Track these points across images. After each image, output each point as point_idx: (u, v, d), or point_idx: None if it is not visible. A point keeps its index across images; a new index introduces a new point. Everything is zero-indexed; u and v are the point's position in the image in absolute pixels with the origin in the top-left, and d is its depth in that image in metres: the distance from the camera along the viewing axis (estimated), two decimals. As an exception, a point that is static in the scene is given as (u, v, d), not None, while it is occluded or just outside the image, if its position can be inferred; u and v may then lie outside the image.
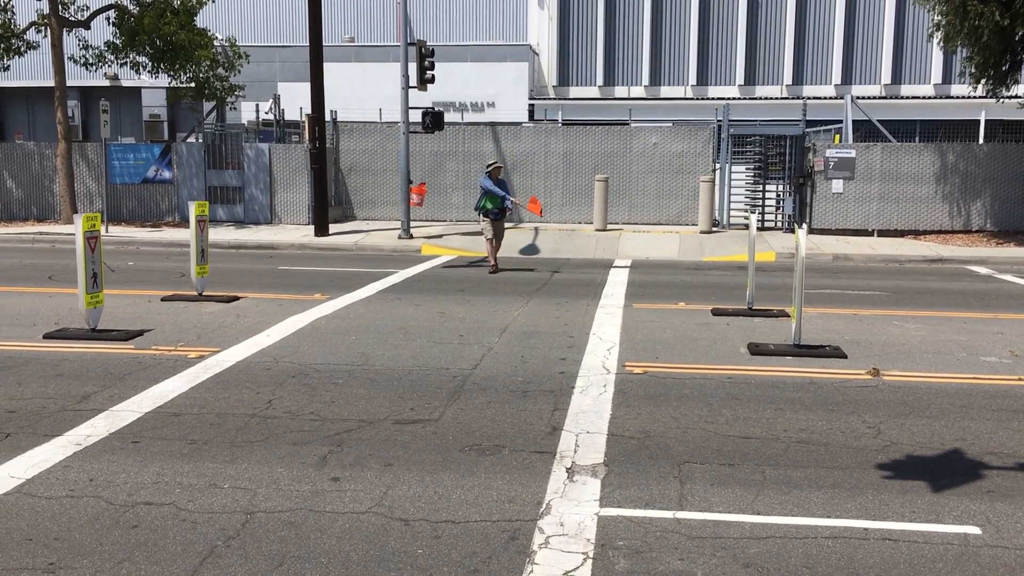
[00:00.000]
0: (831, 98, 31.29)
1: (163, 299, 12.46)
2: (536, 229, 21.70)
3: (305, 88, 21.45)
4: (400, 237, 20.59)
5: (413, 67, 20.58)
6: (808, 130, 21.97)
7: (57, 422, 6.87)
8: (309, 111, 21.13)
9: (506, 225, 16.94)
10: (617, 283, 14.62)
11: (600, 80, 34.27)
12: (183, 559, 4.63)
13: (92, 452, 6.22)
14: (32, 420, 6.92)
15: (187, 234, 14.56)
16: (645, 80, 34.06)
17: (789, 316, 10.53)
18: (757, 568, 4.59)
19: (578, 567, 4.58)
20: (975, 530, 5.05)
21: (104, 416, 7.03)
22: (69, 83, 24.20)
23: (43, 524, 5.04)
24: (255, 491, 5.53)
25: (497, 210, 15.99)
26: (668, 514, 5.23)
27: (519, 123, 27.70)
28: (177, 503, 5.35)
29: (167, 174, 23.33)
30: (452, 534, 4.95)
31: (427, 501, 5.40)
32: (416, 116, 21.08)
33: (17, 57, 23.10)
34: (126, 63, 23.32)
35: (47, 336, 9.91)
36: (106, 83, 32.19)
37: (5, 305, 11.89)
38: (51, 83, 23.18)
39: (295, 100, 26.74)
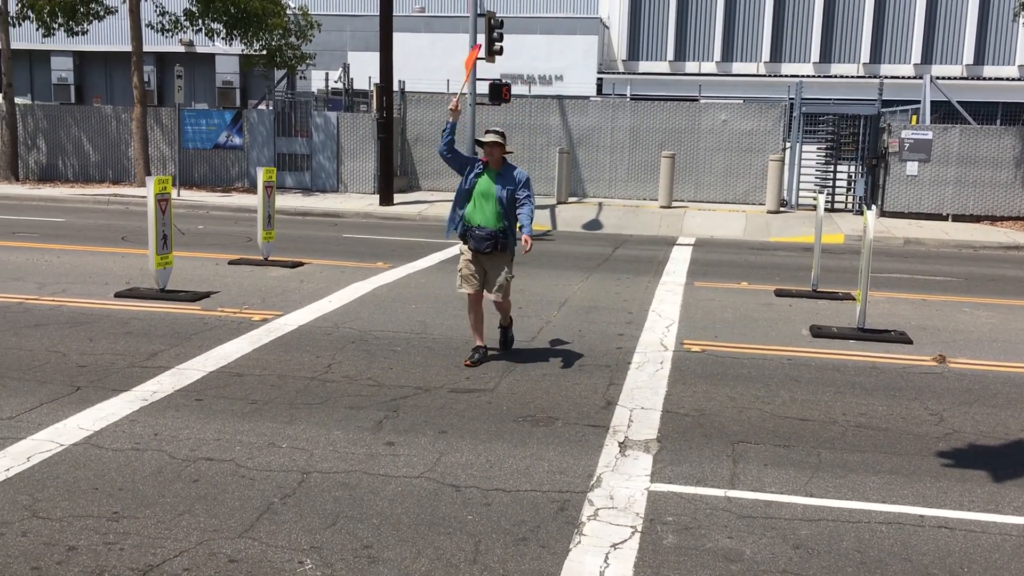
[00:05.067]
0: (909, 78, 30.43)
1: (230, 263, 12.73)
2: (600, 204, 21.58)
3: (374, 58, 21.56)
4: (464, 208, 20.62)
5: (482, 38, 20.53)
6: (884, 110, 21.39)
7: (125, 378, 7.09)
8: (377, 81, 21.24)
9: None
10: (679, 261, 14.49)
11: (671, 55, 33.78)
12: (241, 513, 4.76)
13: (157, 408, 6.41)
14: (101, 375, 7.15)
15: (255, 200, 14.80)
16: (716, 56, 33.48)
17: (854, 299, 10.34)
18: (807, 549, 4.54)
19: (626, 540, 4.59)
20: (1036, 523, 4.93)
21: (170, 374, 7.23)
22: (146, 48, 24.69)
23: (109, 475, 5.22)
24: (312, 452, 5.65)
25: (482, 232, 7.60)
26: (719, 492, 5.21)
27: (586, 97, 27.48)
28: (237, 460, 5.49)
29: (238, 140, 23.72)
30: (502, 502, 4.99)
31: (479, 469, 5.45)
32: (483, 88, 21.07)
33: (96, 21, 23.61)
34: (201, 30, 23.70)
35: (118, 295, 10.20)
36: (181, 49, 32.78)
37: (80, 264, 12.26)
38: (128, 48, 23.70)
39: (364, 69, 26.95)
